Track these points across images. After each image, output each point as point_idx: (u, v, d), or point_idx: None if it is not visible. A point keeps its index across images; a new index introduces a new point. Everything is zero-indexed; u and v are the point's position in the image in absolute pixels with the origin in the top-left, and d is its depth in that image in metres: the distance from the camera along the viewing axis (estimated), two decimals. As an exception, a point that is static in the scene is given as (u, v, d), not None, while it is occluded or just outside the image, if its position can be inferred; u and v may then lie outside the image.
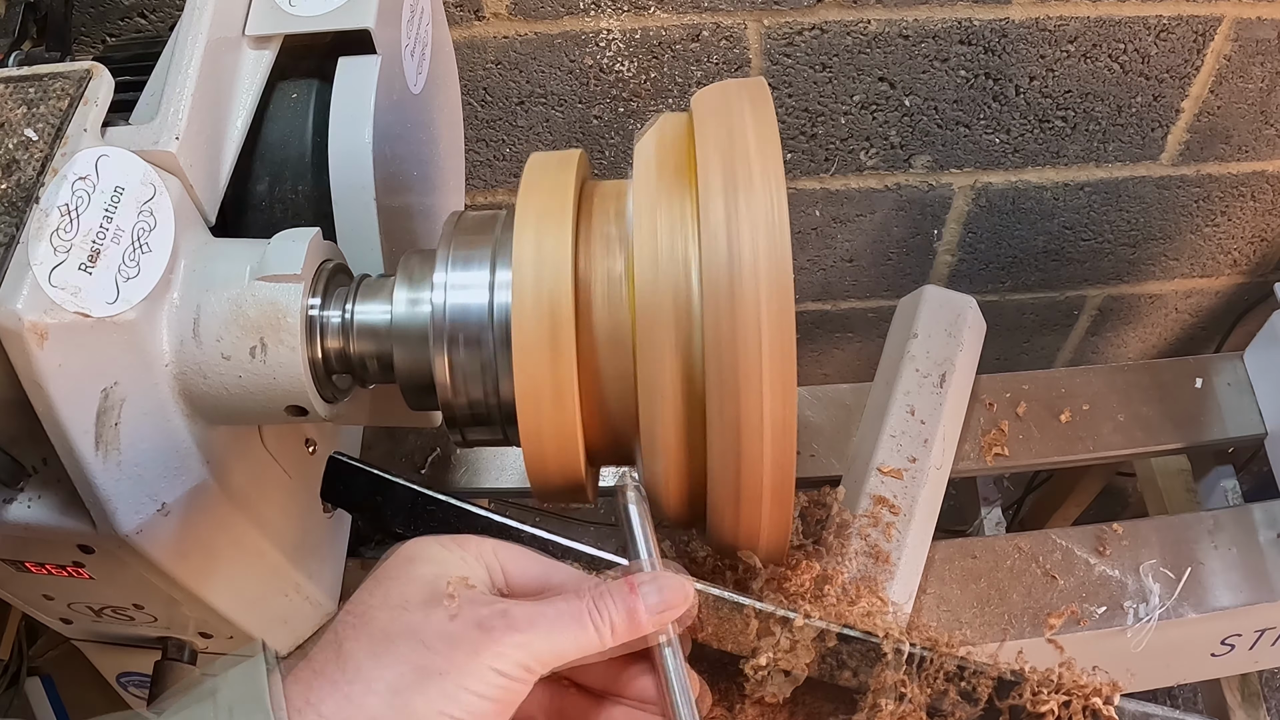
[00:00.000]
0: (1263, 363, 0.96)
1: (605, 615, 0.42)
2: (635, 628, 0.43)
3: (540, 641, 0.41)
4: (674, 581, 0.45)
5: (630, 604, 0.43)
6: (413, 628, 0.40)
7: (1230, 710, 1.02)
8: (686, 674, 0.45)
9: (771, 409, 0.45)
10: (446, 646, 0.39)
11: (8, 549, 0.58)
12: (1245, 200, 1.24)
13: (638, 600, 0.43)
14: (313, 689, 0.39)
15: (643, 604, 0.43)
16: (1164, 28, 1.03)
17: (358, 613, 0.41)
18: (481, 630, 0.40)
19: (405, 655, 0.39)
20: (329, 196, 0.59)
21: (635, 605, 0.43)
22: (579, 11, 0.99)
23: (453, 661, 0.39)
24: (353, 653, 0.40)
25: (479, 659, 0.39)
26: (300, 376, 0.52)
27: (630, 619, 0.43)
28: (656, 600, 0.44)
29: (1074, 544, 0.84)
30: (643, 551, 0.47)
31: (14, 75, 0.52)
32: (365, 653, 0.39)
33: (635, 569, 0.46)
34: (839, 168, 1.15)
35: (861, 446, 0.86)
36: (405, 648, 0.39)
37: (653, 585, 0.44)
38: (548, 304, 0.48)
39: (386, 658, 0.39)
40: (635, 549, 0.47)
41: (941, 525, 0.82)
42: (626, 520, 0.47)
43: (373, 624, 0.40)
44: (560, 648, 0.41)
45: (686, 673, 0.45)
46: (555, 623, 0.41)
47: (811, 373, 1.44)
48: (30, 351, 0.45)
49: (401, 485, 0.59)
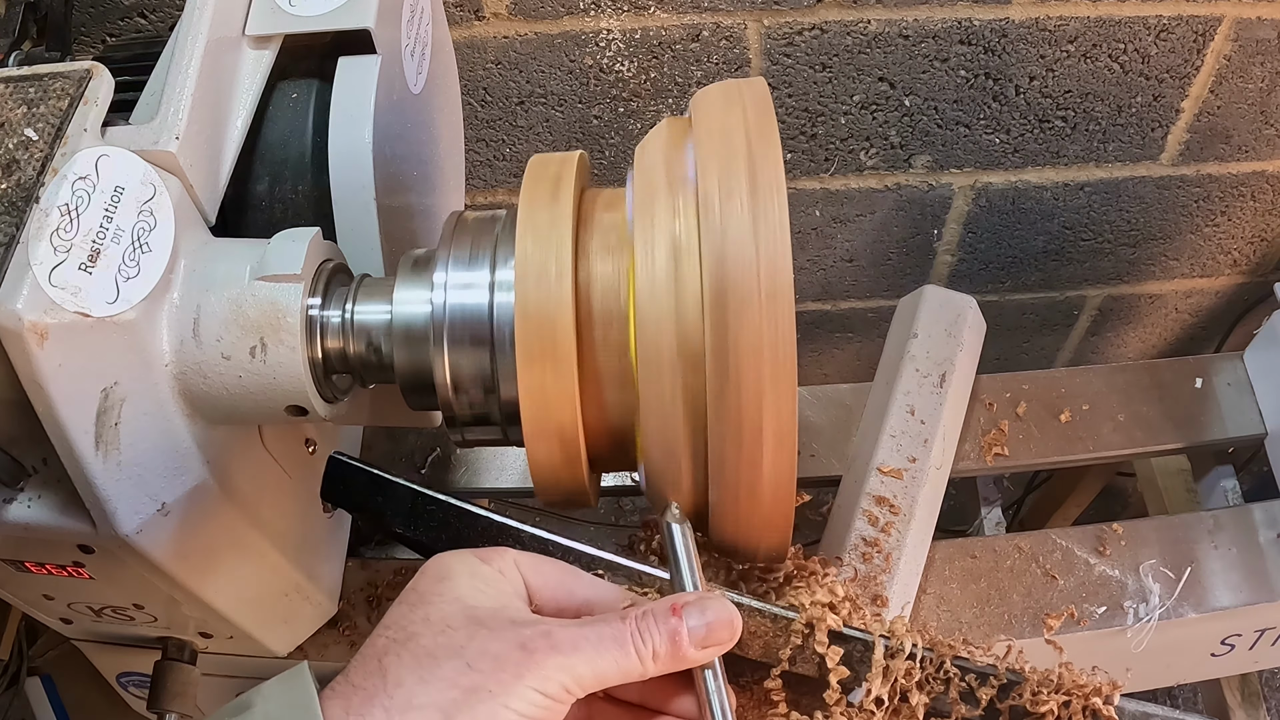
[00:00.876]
0: (1263, 363, 0.96)
1: (648, 641, 0.42)
2: (678, 656, 0.43)
3: (582, 665, 0.41)
4: (718, 605, 0.44)
5: (673, 628, 0.43)
6: (457, 649, 0.40)
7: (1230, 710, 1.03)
8: (728, 695, 0.44)
9: (772, 409, 0.45)
10: (492, 667, 0.39)
11: (8, 549, 0.58)
12: (1245, 200, 1.24)
13: (681, 625, 0.43)
14: (353, 704, 0.39)
15: (686, 628, 0.43)
16: (1164, 28, 1.03)
17: (398, 633, 0.41)
18: (525, 652, 0.40)
19: (451, 677, 0.39)
20: (329, 196, 0.59)
21: (679, 630, 0.43)
22: (579, 11, 0.99)
23: (499, 682, 0.39)
24: (396, 672, 0.40)
25: (523, 681, 0.39)
26: (300, 376, 0.52)
27: (673, 644, 0.42)
28: (699, 624, 0.43)
29: (1074, 544, 0.84)
30: (685, 575, 0.46)
31: (14, 75, 0.52)
32: (410, 674, 0.40)
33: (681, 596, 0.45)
34: (839, 168, 1.15)
35: (861, 446, 0.86)
36: (451, 669, 0.39)
37: (697, 609, 0.44)
38: (550, 307, 0.48)
39: (433, 680, 0.39)
40: (679, 575, 0.46)
41: (941, 525, 0.82)
42: (670, 545, 0.47)
43: (416, 645, 0.40)
44: (602, 671, 0.41)
45: (728, 694, 0.44)
46: (598, 646, 0.41)
47: (811, 373, 1.44)
48: (30, 351, 0.45)
49: (401, 485, 0.59)
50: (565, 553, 0.55)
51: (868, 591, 0.75)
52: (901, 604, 0.76)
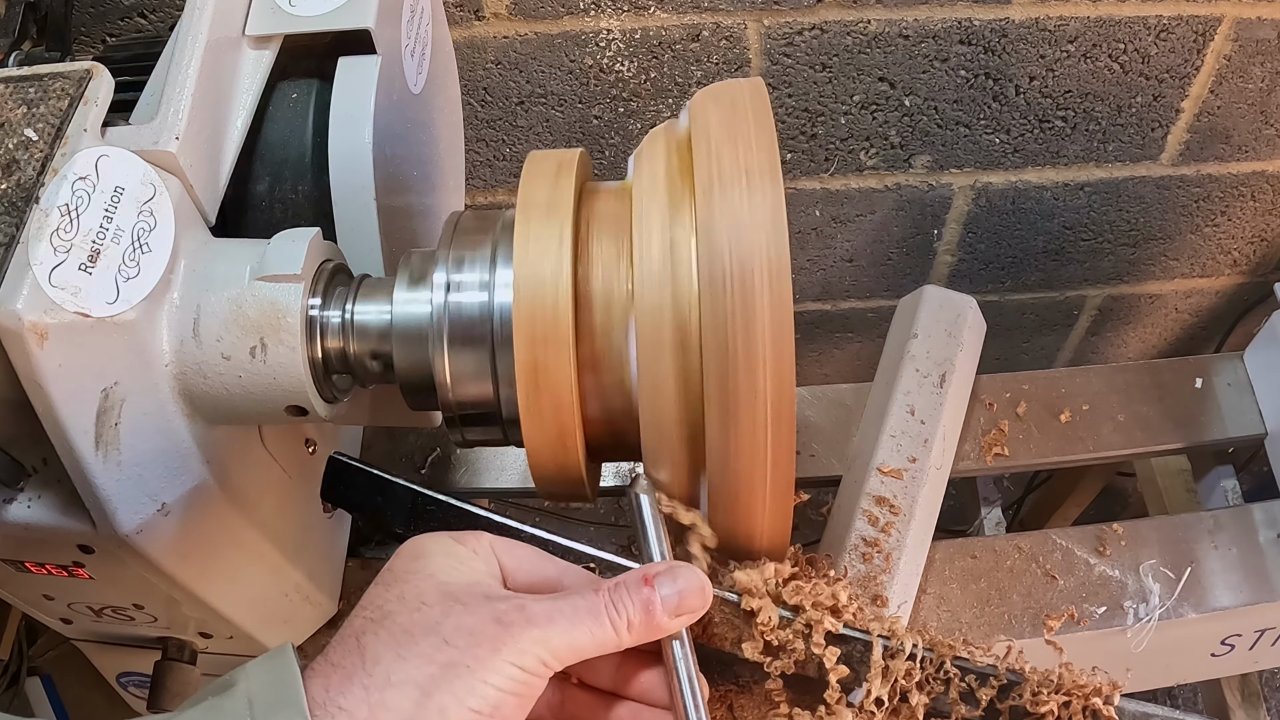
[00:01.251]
0: (1263, 363, 0.96)
1: (622, 611, 0.42)
2: (652, 624, 0.43)
3: (558, 637, 0.41)
4: (689, 574, 0.45)
5: (646, 598, 0.43)
6: (433, 625, 0.40)
7: (1230, 710, 1.03)
8: (697, 671, 0.45)
9: (771, 408, 0.45)
10: (468, 643, 0.40)
11: (8, 549, 0.58)
12: (1245, 200, 1.24)
13: (654, 594, 0.43)
14: (332, 683, 0.39)
15: (659, 597, 0.43)
16: (1164, 28, 1.03)
17: (374, 612, 0.42)
18: (501, 625, 0.40)
19: (428, 653, 0.39)
20: (329, 196, 0.59)
21: (651, 599, 0.43)
22: (579, 11, 0.99)
23: (476, 657, 0.39)
24: (374, 650, 0.40)
25: (499, 655, 0.40)
26: (300, 376, 0.52)
27: (647, 613, 0.43)
28: (672, 592, 0.44)
29: (1074, 544, 0.84)
30: (653, 546, 0.47)
31: (14, 75, 0.52)
32: (388, 651, 0.40)
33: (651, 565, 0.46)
34: (839, 168, 1.15)
35: (861, 446, 0.86)
36: (427, 645, 0.40)
37: (669, 577, 0.44)
38: (549, 306, 0.48)
39: (410, 657, 0.39)
40: (647, 545, 0.47)
41: (941, 525, 0.82)
42: (638, 515, 0.47)
43: (393, 623, 0.41)
44: (578, 643, 0.41)
45: (697, 670, 0.45)
46: (572, 618, 0.42)
47: (811, 373, 1.44)
48: (30, 351, 0.45)
49: (401, 485, 0.59)
50: (565, 553, 0.55)
51: (868, 591, 0.75)
52: (901, 604, 0.76)
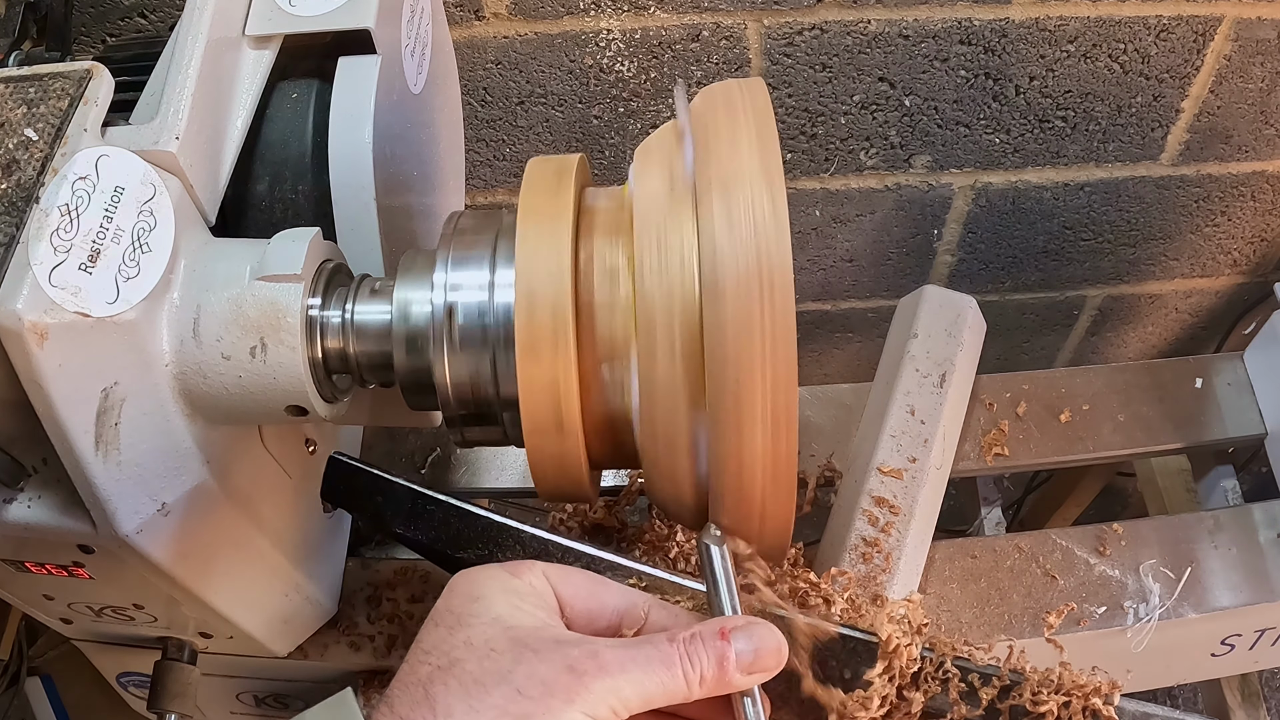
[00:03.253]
0: (1263, 363, 0.96)
1: (696, 664, 0.42)
2: (725, 680, 0.42)
3: (629, 686, 0.40)
4: (767, 632, 0.44)
5: (721, 652, 0.42)
6: (504, 674, 0.40)
7: (1230, 710, 1.03)
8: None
9: (772, 409, 0.45)
10: (541, 693, 0.39)
11: (8, 549, 0.58)
12: (1245, 200, 1.24)
13: (729, 649, 0.42)
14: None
15: (734, 652, 0.42)
16: (1164, 28, 1.03)
17: (441, 659, 0.41)
18: (574, 675, 0.39)
19: (501, 705, 0.39)
20: (329, 196, 0.59)
21: (726, 653, 0.42)
22: (579, 11, 0.99)
23: (549, 708, 0.39)
24: (445, 701, 0.39)
25: (573, 706, 0.39)
26: (300, 376, 0.52)
27: (720, 669, 0.42)
28: (748, 649, 0.43)
29: (1074, 544, 0.84)
30: (724, 598, 0.46)
31: (14, 75, 0.52)
32: (460, 703, 0.39)
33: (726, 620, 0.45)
34: (839, 168, 1.15)
35: (861, 446, 0.86)
36: (500, 696, 0.39)
37: (745, 634, 0.43)
38: (549, 307, 0.48)
39: (483, 709, 0.39)
40: (718, 597, 0.46)
41: (941, 525, 0.82)
42: (709, 566, 0.46)
43: (462, 671, 0.40)
44: (649, 692, 0.41)
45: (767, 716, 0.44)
46: (645, 668, 0.41)
47: (811, 373, 1.44)
48: (30, 351, 0.45)
49: (401, 485, 0.59)
50: (565, 552, 0.55)
51: (868, 591, 0.75)
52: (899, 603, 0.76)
